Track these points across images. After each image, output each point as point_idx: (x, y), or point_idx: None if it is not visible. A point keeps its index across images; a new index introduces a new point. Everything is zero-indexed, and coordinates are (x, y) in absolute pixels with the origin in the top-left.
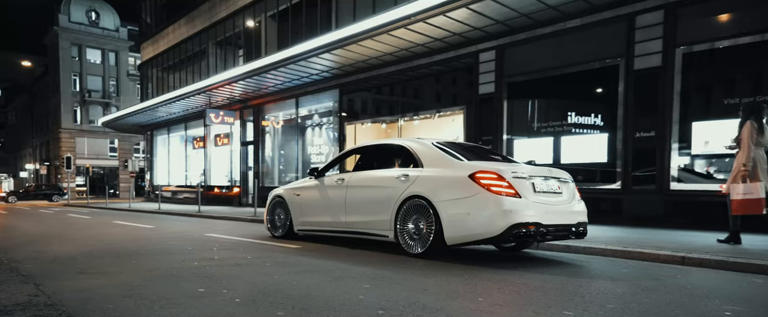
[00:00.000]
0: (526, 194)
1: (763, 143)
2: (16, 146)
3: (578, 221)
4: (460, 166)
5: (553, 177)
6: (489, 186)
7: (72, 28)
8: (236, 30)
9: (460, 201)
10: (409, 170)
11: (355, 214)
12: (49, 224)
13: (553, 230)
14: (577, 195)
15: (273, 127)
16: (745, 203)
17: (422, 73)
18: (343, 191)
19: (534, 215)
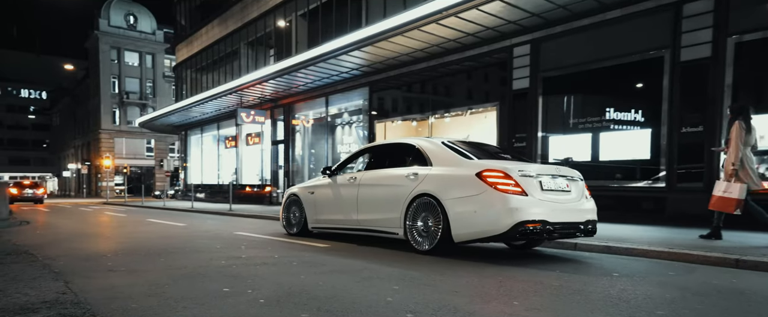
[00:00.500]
0: (532, 192)
1: (749, 143)
2: (60, 146)
3: (587, 219)
4: (467, 164)
5: (561, 176)
6: (496, 185)
7: (111, 32)
8: (267, 30)
9: (468, 199)
10: (418, 168)
11: (366, 212)
12: (87, 223)
13: (560, 228)
14: (586, 193)
15: (303, 126)
16: (721, 201)
17: (453, 69)
18: (354, 189)
19: (541, 213)
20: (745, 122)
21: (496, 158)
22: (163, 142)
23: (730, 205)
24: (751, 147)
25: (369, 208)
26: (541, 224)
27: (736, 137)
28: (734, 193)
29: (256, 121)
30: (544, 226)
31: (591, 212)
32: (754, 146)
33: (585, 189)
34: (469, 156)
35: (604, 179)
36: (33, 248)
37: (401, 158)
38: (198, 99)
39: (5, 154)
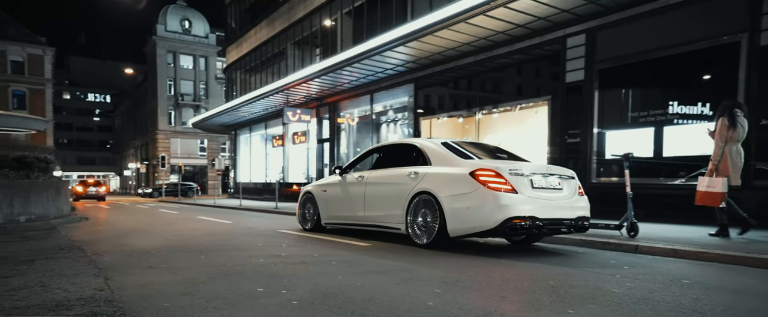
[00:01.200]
0: (522, 189)
1: (735, 139)
2: (121, 147)
3: (578, 216)
4: (463, 164)
5: (553, 174)
6: (487, 183)
7: (168, 37)
8: (313, 29)
9: (462, 196)
10: (418, 167)
11: (372, 209)
12: (140, 219)
13: (549, 224)
14: (578, 191)
15: (348, 124)
16: (706, 195)
17: (502, 63)
18: (362, 187)
19: (530, 209)
20: (730, 119)
21: (493, 158)
22: (215, 142)
23: (715, 199)
24: (741, 142)
25: (375, 205)
26: (530, 220)
27: (718, 133)
28: (717, 187)
29: (302, 120)
30: (533, 222)
31: (583, 210)
32: (743, 142)
33: (578, 188)
34: (466, 156)
35: (666, 177)
36: (85, 243)
37: (405, 157)
38: (246, 99)
39: (74, 154)
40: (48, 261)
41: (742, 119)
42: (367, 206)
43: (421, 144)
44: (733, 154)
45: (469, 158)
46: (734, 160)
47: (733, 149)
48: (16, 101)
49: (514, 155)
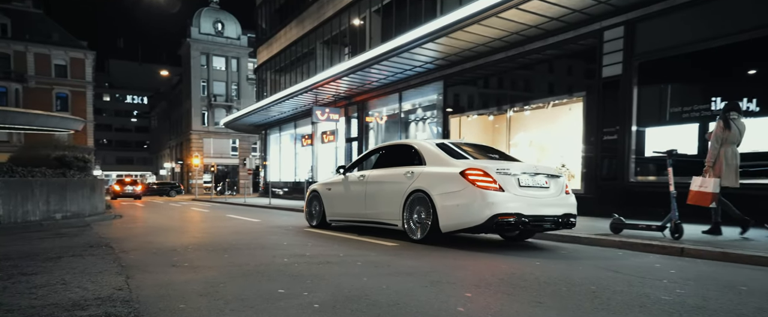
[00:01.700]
0: (509, 188)
1: (731, 141)
2: (158, 147)
3: (564, 213)
4: (454, 164)
5: (540, 173)
6: (476, 181)
7: (201, 39)
8: (342, 28)
9: (452, 194)
10: (414, 167)
11: (372, 206)
12: (171, 217)
13: (535, 220)
14: (565, 189)
15: (377, 122)
16: (698, 195)
17: (534, 58)
18: (363, 186)
19: (516, 206)
20: (725, 121)
21: (485, 158)
22: (247, 141)
23: (706, 199)
24: (737, 144)
25: (375, 203)
26: (516, 217)
27: (714, 135)
28: (709, 187)
29: (331, 118)
30: (519, 218)
31: (569, 207)
32: (738, 144)
33: (565, 186)
34: (459, 156)
35: None
36: (114, 241)
37: (403, 157)
38: (276, 98)
39: (113, 154)
40: (75, 259)
41: (738, 122)
42: (367, 204)
43: (417, 145)
44: (728, 156)
45: (462, 158)
46: (729, 162)
47: (728, 151)
48: (59, 103)
49: (507, 155)
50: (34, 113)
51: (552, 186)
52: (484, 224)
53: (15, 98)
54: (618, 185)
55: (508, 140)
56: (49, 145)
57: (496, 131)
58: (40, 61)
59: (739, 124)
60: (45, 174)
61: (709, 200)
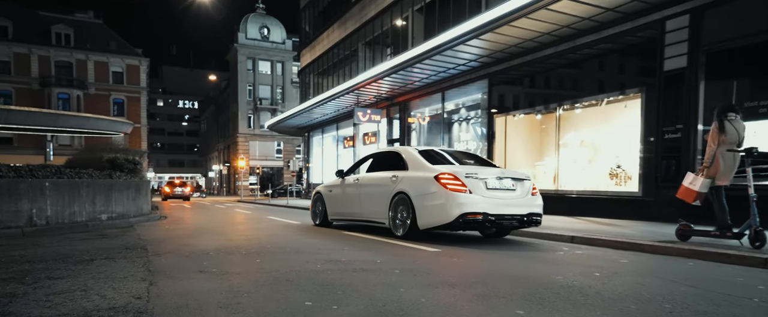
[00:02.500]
0: (477, 190)
1: (727, 142)
2: (207, 150)
3: (529, 212)
4: (429, 169)
5: (507, 177)
6: (447, 184)
7: (248, 44)
8: (384, 28)
9: (427, 196)
10: (398, 172)
11: (365, 206)
12: (213, 219)
13: (500, 219)
14: (532, 191)
15: (419, 123)
16: (686, 191)
17: (585, 53)
18: (357, 189)
19: (483, 206)
20: (720, 123)
21: (459, 164)
22: (291, 144)
23: (690, 196)
24: (735, 145)
25: (366, 203)
26: (483, 216)
27: (711, 137)
28: (697, 186)
29: (372, 120)
30: (486, 217)
31: (534, 207)
32: (738, 144)
33: (532, 189)
34: (436, 161)
35: None
36: (151, 242)
37: (391, 162)
38: (319, 100)
39: (165, 157)
40: (106, 262)
41: (736, 123)
42: (361, 204)
43: (402, 151)
44: (727, 157)
45: (439, 164)
46: (727, 163)
47: (727, 153)
48: (116, 108)
49: (485, 161)
50: (83, 117)
51: (518, 189)
52: (454, 222)
53: (77, 104)
54: None
55: (557, 139)
56: (105, 148)
57: (544, 131)
58: (99, 69)
59: (737, 124)
60: (91, 176)
61: (693, 198)
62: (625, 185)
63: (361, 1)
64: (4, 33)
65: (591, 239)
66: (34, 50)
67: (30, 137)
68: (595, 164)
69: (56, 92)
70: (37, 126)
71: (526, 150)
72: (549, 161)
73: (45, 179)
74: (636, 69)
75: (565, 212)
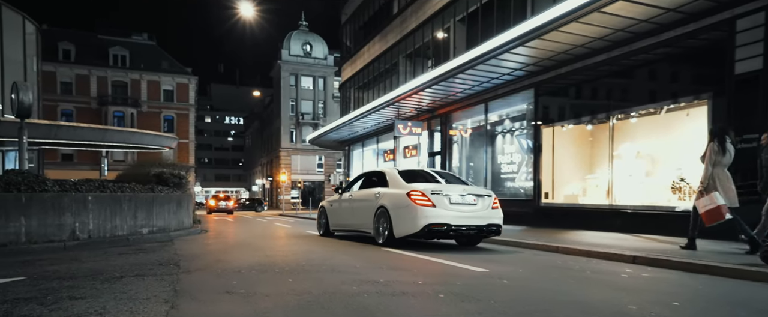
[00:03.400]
0: (441, 205)
1: (723, 163)
2: (251, 164)
3: (488, 223)
4: (404, 186)
5: (469, 194)
6: (415, 200)
7: (291, 60)
8: (425, 40)
9: (401, 209)
10: (381, 189)
11: (356, 218)
12: (253, 233)
13: (458, 228)
14: (492, 205)
15: (461, 136)
16: (710, 214)
17: (641, 59)
18: (350, 203)
19: (445, 218)
20: (719, 145)
21: (432, 182)
22: (332, 158)
23: (719, 213)
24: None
25: (358, 216)
26: (446, 226)
27: (708, 158)
28: (715, 202)
29: (413, 132)
30: (449, 228)
31: (494, 219)
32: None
33: (492, 203)
34: (412, 180)
35: None
36: (185, 258)
37: (377, 180)
38: (359, 113)
39: (212, 171)
40: (134, 280)
41: (729, 145)
42: (354, 216)
43: (386, 171)
44: (722, 177)
45: (413, 182)
46: (723, 183)
47: (720, 173)
48: (166, 124)
49: (458, 179)
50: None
51: (479, 203)
52: (421, 231)
53: (130, 121)
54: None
55: (610, 151)
56: (154, 163)
57: (596, 142)
58: (151, 88)
59: (730, 147)
60: (133, 189)
61: (723, 214)
62: (689, 199)
63: (402, 14)
64: (67, 56)
65: (656, 259)
66: (94, 71)
67: (88, 154)
68: (653, 177)
69: (112, 110)
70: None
71: (575, 162)
72: (601, 173)
73: (88, 193)
74: (699, 74)
75: (620, 229)
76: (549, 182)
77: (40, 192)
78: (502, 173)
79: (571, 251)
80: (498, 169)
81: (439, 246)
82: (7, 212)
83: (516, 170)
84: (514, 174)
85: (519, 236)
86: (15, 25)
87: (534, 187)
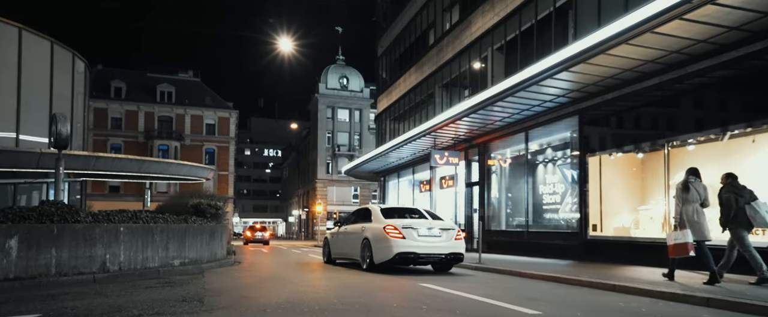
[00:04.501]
0: (410, 237)
1: (690, 201)
2: (288, 195)
3: (450, 252)
4: (382, 222)
5: (436, 227)
6: (389, 233)
7: (328, 93)
8: (462, 69)
9: (379, 240)
10: (366, 223)
11: (349, 248)
12: (286, 265)
13: (426, 256)
14: (455, 237)
15: (499, 165)
16: (677, 247)
17: (697, 83)
18: (345, 235)
19: (413, 248)
20: (684, 185)
21: (404, 218)
22: (367, 189)
23: (684, 249)
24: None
25: (350, 245)
26: (413, 254)
27: (677, 197)
28: (683, 238)
29: (450, 162)
30: (416, 256)
31: (455, 248)
32: (702, 203)
33: (455, 235)
34: (390, 216)
35: None
36: (211, 294)
37: (365, 216)
38: (395, 143)
39: (250, 202)
40: None
41: (697, 184)
42: (347, 246)
43: (371, 208)
44: (690, 213)
45: (390, 218)
46: (690, 218)
47: (689, 209)
48: (207, 157)
49: (432, 214)
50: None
51: (444, 235)
52: (393, 259)
53: (174, 154)
54: None
55: (666, 180)
56: (194, 194)
57: (649, 171)
58: (194, 122)
59: (699, 186)
60: (167, 220)
61: (688, 250)
62: (763, 234)
63: (438, 44)
64: (118, 93)
65: (734, 303)
66: (142, 107)
67: (134, 186)
68: (716, 209)
69: (157, 144)
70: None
71: (625, 193)
72: (656, 205)
73: (120, 224)
74: (765, 98)
75: (679, 265)
76: (597, 214)
77: (72, 223)
78: (543, 204)
79: (630, 290)
80: (539, 200)
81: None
82: (38, 244)
83: (559, 201)
84: (556, 205)
85: (567, 271)
86: (65, 62)
87: (580, 219)
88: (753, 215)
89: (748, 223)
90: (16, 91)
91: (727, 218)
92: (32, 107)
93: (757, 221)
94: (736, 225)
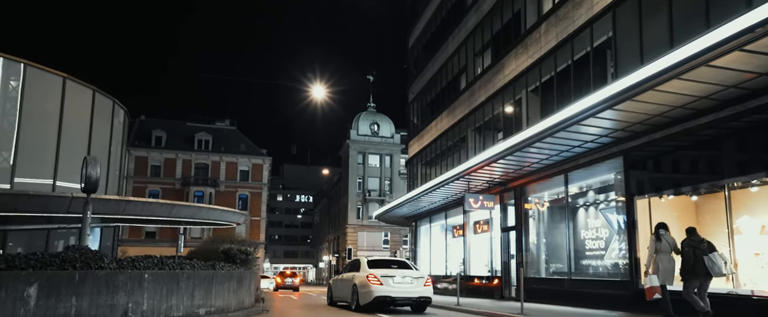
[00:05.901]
0: (387, 283)
1: (662, 250)
2: (319, 241)
3: (419, 296)
4: (366, 271)
5: (407, 276)
6: (370, 280)
7: (359, 140)
8: (495, 112)
9: (363, 286)
10: (355, 273)
11: (343, 292)
12: (313, 314)
13: (399, 300)
14: (424, 284)
15: (537, 209)
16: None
17: (756, 120)
18: (341, 282)
19: (388, 293)
20: (656, 237)
21: (384, 268)
22: (398, 234)
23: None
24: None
25: (344, 290)
26: (389, 298)
27: (649, 247)
28: (650, 283)
29: (485, 206)
30: (392, 299)
31: (425, 293)
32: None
33: (424, 281)
34: (374, 267)
35: None
36: None
37: (356, 266)
38: (427, 187)
39: (281, 248)
40: None
41: (667, 237)
42: (342, 291)
43: (360, 259)
44: (662, 261)
45: (373, 268)
46: (663, 265)
47: (663, 258)
48: (240, 203)
49: (409, 264)
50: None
51: (414, 283)
52: (371, 302)
53: (209, 200)
54: None
55: (729, 224)
56: (226, 240)
57: (706, 215)
58: (229, 168)
59: (668, 238)
60: (194, 266)
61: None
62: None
63: (470, 88)
64: (158, 142)
65: None
66: (180, 155)
67: (169, 231)
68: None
69: (193, 190)
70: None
71: (679, 239)
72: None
73: (145, 270)
74: None
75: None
76: None
77: (95, 270)
78: (586, 250)
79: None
80: (581, 246)
81: None
82: (58, 292)
83: (603, 247)
84: (601, 252)
85: None
86: (105, 110)
87: (629, 266)
88: (711, 265)
89: (707, 273)
90: (57, 138)
91: (685, 269)
92: (70, 153)
93: (715, 271)
94: (691, 276)
